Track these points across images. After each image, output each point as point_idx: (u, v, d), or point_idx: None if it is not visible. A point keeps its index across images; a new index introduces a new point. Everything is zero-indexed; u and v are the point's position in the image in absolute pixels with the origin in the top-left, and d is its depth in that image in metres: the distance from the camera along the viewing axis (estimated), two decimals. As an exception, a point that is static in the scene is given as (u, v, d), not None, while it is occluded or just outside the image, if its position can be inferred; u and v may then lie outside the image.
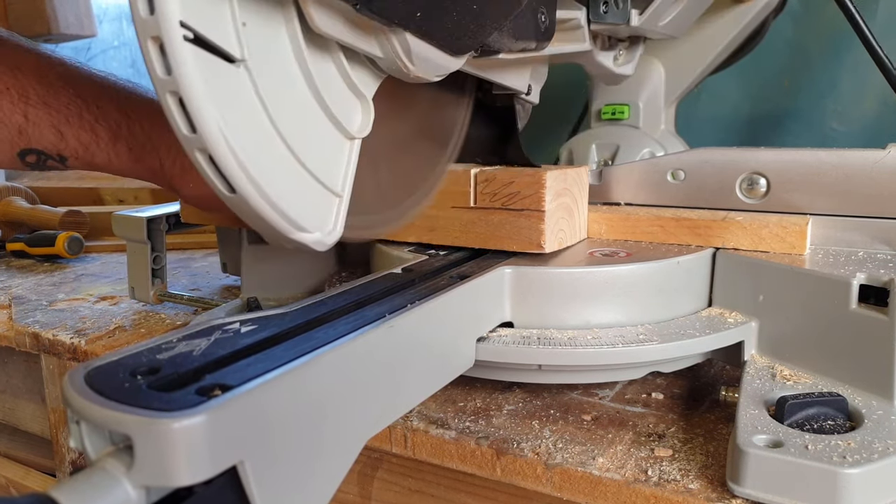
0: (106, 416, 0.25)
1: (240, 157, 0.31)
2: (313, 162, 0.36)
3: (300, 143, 0.35)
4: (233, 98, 0.31)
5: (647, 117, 0.85)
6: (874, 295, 0.44)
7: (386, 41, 0.35)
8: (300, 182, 0.35)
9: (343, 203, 0.38)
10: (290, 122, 0.34)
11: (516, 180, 0.50)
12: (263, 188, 0.32)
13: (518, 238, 0.51)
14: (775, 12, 0.85)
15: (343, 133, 0.38)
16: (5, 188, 1.16)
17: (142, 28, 0.28)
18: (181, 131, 0.30)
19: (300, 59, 0.34)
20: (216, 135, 0.30)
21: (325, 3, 0.32)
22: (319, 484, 0.32)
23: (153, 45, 0.28)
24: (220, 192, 0.32)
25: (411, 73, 0.37)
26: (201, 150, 0.30)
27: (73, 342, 0.65)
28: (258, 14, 0.32)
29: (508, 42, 0.44)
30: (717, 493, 0.38)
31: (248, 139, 0.32)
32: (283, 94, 0.34)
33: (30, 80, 0.48)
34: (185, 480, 0.25)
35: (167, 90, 0.29)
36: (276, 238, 0.35)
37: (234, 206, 0.33)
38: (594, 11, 0.54)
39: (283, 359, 0.31)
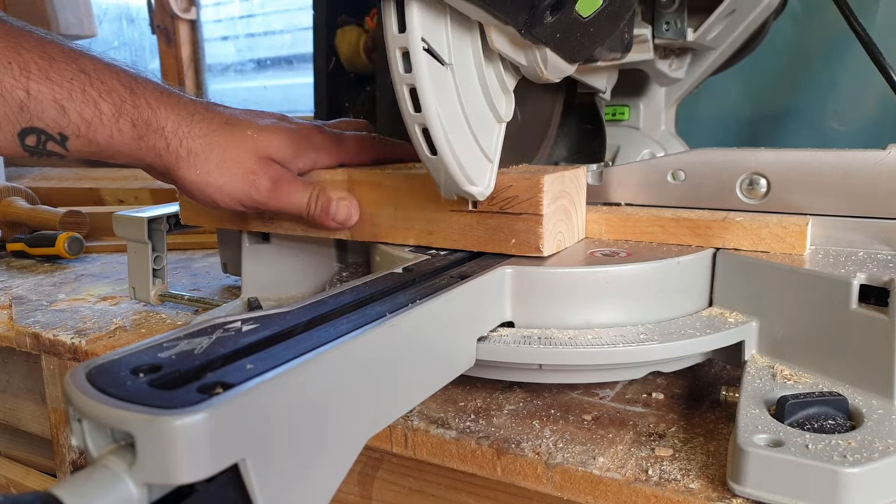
0: (108, 413, 0.25)
1: (445, 130, 0.44)
2: (481, 137, 0.48)
3: (475, 122, 0.48)
4: (442, 90, 0.44)
5: (648, 118, 0.85)
6: (874, 295, 0.44)
7: (532, 54, 0.48)
8: (474, 151, 0.48)
9: (494, 167, 0.50)
10: (470, 108, 0.47)
11: (514, 184, 0.50)
12: (455, 152, 0.45)
13: (516, 242, 0.51)
14: (776, 13, 0.85)
15: (496, 117, 0.50)
16: (5, 188, 1.16)
17: (392, 41, 0.41)
18: (408, 111, 0.43)
19: (478, 65, 0.48)
20: (433, 114, 0.43)
21: (501, 28, 0.45)
22: (320, 482, 0.32)
23: (399, 52, 0.42)
24: (425, 155, 0.45)
25: (543, 76, 0.49)
26: (420, 124, 0.44)
27: (74, 342, 0.65)
28: (459, 32, 0.45)
29: (605, 53, 0.58)
30: (717, 492, 0.38)
31: (448, 118, 0.45)
32: (467, 88, 0.47)
33: (32, 56, 0.47)
34: (187, 478, 0.25)
35: (405, 83, 0.42)
36: (451, 188, 0.48)
37: (432, 164, 0.46)
38: (658, 29, 0.68)
39: (284, 357, 0.31)
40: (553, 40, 0.46)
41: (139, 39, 1.91)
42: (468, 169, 0.47)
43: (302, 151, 0.58)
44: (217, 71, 1.85)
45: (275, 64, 1.76)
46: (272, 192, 0.55)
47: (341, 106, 0.98)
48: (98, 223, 1.12)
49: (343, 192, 0.58)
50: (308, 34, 1.01)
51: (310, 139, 0.59)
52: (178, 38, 1.78)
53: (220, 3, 1.81)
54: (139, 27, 1.90)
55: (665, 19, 0.67)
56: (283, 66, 1.74)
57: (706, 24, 0.68)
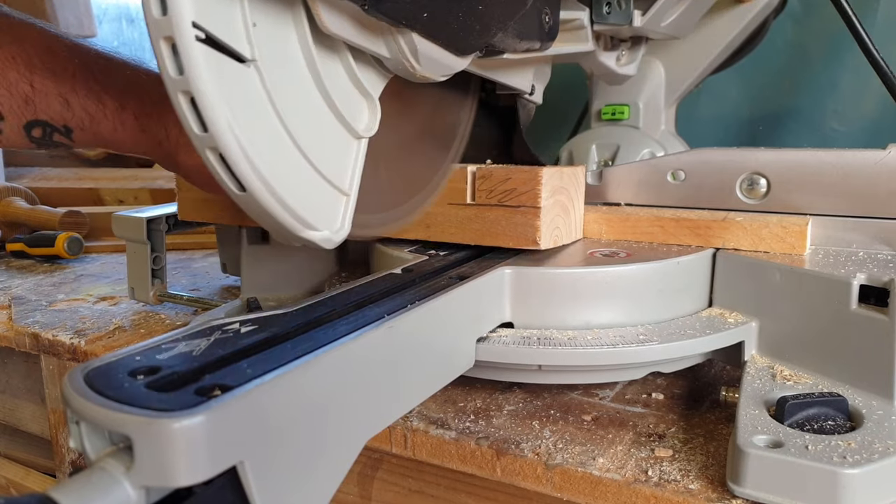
0: (105, 416, 0.25)
1: (250, 156, 0.31)
2: (321, 161, 0.36)
3: (309, 141, 0.35)
4: (243, 97, 0.31)
5: (648, 118, 0.85)
6: (874, 295, 0.44)
7: (393, 41, 0.36)
8: (309, 180, 0.35)
9: (350, 201, 0.38)
10: (299, 121, 0.34)
11: (513, 177, 0.50)
12: (273, 186, 0.32)
13: (514, 234, 0.51)
14: (775, 13, 0.85)
15: (350, 132, 0.38)
16: (5, 188, 1.16)
17: (154, 28, 0.29)
18: (192, 130, 0.30)
19: (309, 59, 0.35)
20: (227, 133, 0.30)
21: (334, 3, 0.32)
22: (319, 484, 0.32)
23: (165, 45, 0.29)
24: (231, 191, 0.32)
25: (417, 72, 0.38)
26: (212, 148, 0.31)
27: (73, 342, 0.65)
28: (268, 15, 0.32)
29: (513, 42, 0.44)
30: (717, 493, 0.38)
31: (259, 138, 0.32)
32: (292, 93, 0.34)
33: (36, 50, 0.48)
34: (185, 481, 0.25)
35: (179, 90, 0.30)
36: (285, 236, 0.35)
37: (244, 204, 0.33)
38: (597, 12, 0.55)
39: (283, 359, 0.31)
40: (418, 20, 0.34)
41: (139, 39, 1.90)
42: (301, 209, 0.34)
43: None
44: (217, 71, 1.85)
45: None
46: None
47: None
48: (97, 223, 1.12)
49: None
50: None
51: None
52: (177, 38, 1.77)
53: (220, 3, 1.81)
54: (139, 27, 1.89)
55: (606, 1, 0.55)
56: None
57: (656, 6, 0.57)
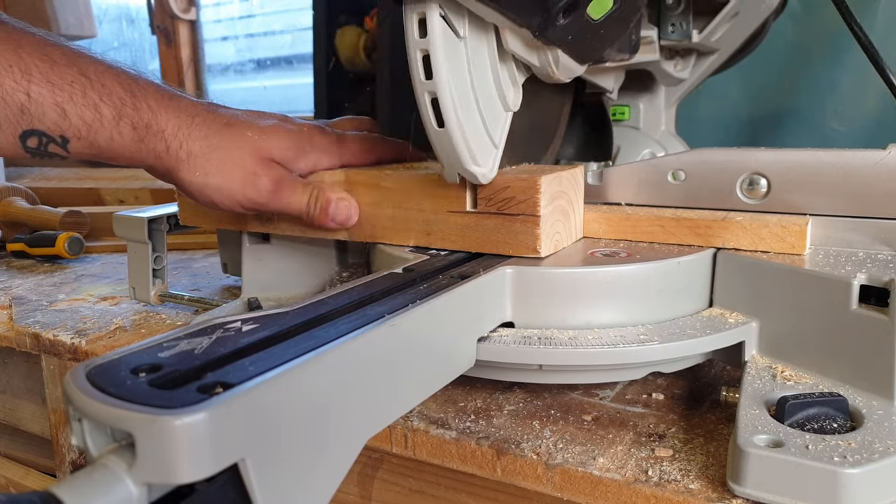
0: (108, 413, 0.25)
1: (455, 102, 0.44)
2: (489, 120, 0.49)
3: (484, 105, 0.48)
4: (455, 62, 0.45)
5: (648, 118, 0.85)
6: (875, 295, 0.44)
7: (544, 55, 0.49)
8: (480, 131, 0.48)
9: (498, 154, 0.50)
10: (481, 87, 0.47)
11: (511, 185, 0.50)
12: (463, 127, 0.46)
13: (514, 242, 0.51)
14: (775, 13, 0.85)
15: (504, 105, 0.51)
16: (5, 188, 1.16)
17: (410, 8, 0.42)
18: (419, 78, 0.44)
19: (491, 55, 0.48)
20: (444, 83, 0.43)
21: (515, 30, 0.46)
22: (320, 482, 0.32)
23: (416, 17, 0.43)
24: (431, 127, 0.45)
25: (554, 76, 0.51)
26: (430, 92, 0.44)
27: (74, 342, 0.65)
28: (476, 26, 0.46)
29: (614, 54, 0.59)
30: (717, 493, 0.38)
31: (459, 92, 0.45)
32: (479, 68, 0.47)
33: (33, 59, 0.47)
34: (187, 478, 0.25)
35: (419, 48, 0.43)
36: (454, 168, 0.48)
37: (438, 137, 0.46)
38: (664, 31, 0.69)
39: (285, 357, 0.31)
40: (565, 42, 0.48)
41: (139, 40, 1.91)
42: (474, 147, 0.47)
43: (303, 153, 0.58)
44: (217, 71, 1.85)
45: (275, 64, 1.76)
46: (272, 194, 0.55)
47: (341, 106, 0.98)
48: (98, 223, 1.12)
49: (342, 192, 0.58)
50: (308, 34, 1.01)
51: (311, 140, 0.58)
52: (177, 39, 1.78)
53: (220, 4, 1.82)
54: (139, 28, 1.90)
55: (671, 21, 0.69)
56: (283, 66, 1.74)
57: (711, 26, 0.69)
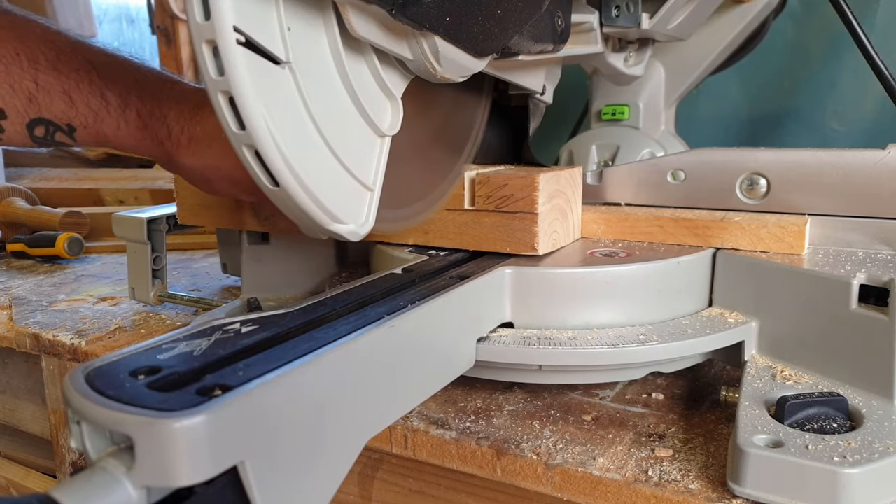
0: (106, 416, 0.25)
1: (284, 153, 0.33)
2: (348, 157, 0.38)
3: (337, 139, 0.37)
4: (278, 97, 0.33)
5: (648, 118, 0.85)
6: (874, 295, 0.44)
7: (416, 44, 0.38)
8: (337, 176, 0.38)
9: (374, 196, 0.41)
10: (329, 120, 0.36)
11: (509, 183, 0.50)
12: (305, 181, 0.35)
13: (512, 240, 0.51)
14: (775, 13, 0.85)
15: (375, 131, 0.40)
16: (5, 189, 1.16)
17: (197, 32, 0.30)
18: (230, 128, 0.32)
19: (338, 61, 0.37)
20: (263, 131, 0.32)
21: (363, 8, 0.34)
22: (320, 484, 0.32)
23: (207, 48, 0.31)
24: (265, 187, 0.35)
25: (438, 74, 0.40)
26: (248, 146, 0.33)
27: (74, 343, 0.65)
28: (301, 19, 0.34)
29: (528, 44, 0.46)
30: (717, 493, 0.38)
31: (292, 136, 0.34)
32: (322, 93, 0.36)
33: (40, 47, 0.47)
34: (186, 480, 0.25)
35: (219, 90, 0.31)
36: (313, 229, 0.38)
37: (277, 199, 0.35)
38: (606, 15, 0.57)
39: (284, 359, 0.31)
40: (441, 24, 0.36)
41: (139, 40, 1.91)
42: (330, 203, 0.37)
43: None
44: (217, 71, 1.85)
45: (274, 64, 1.76)
46: None
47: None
48: (98, 224, 1.12)
49: None
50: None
51: None
52: (177, 39, 1.78)
53: (220, 4, 1.81)
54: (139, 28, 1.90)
55: (615, 3, 0.57)
56: (283, 66, 1.74)
57: (664, 9, 0.59)
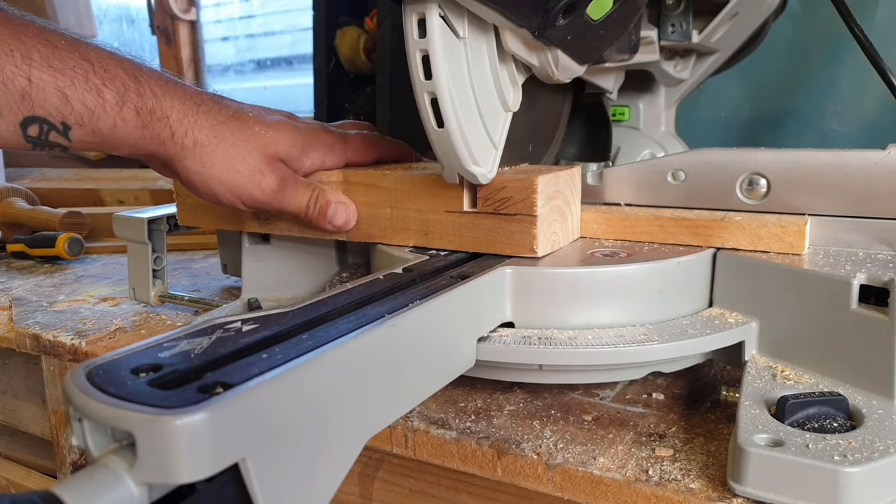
0: (108, 413, 0.25)
1: (454, 101, 0.44)
2: (488, 120, 0.49)
3: (484, 105, 0.48)
4: (454, 62, 0.45)
5: (648, 118, 0.85)
6: (874, 295, 0.44)
7: (543, 56, 0.49)
8: (480, 131, 0.48)
9: (497, 154, 0.50)
10: (480, 90, 0.48)
11: (508, 185, 0.50)
12: (463, 128, 0.46)
13: (511, 242, 0.51)
14: (775, 13, 0.85)
15: (504, 106, 0.51)
16: (5, 189, 1.16)
17: (410, 8, 0.42)
18: (420, 79, 0.44)
19: (491, 55, 0.49)
20: (444, 83, 0.43)
21: (514, 30, 0.47)
22: (321, 482, 0.32)
23: (416, 18, 0.42)
24: (431, 128, 0.45)
25: (554, 76, 0.51)
26: (430, 92, 0.44)
27: (74, 343, 0.65)
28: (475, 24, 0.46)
29: (614, 55, 0.59)
30: (717, 492, 0.38)
31: (458, 93, 0.45)
32: (479, 69, 0.47)
33: (34, 43, 0.46)
34: (188, 477, 0.25)
35: (418, 49, 0.43)
36: (454, 167, 0.48)
37: (437, 137, 0.46)
38: (664, 31, 0.69)
39: (285, 357, 0.31)
40: (564, 42, 0.48)
41: (139, 40, 1.91)
42: (473, 147, 0.47)
43: (309, 150, 0.57)
44: (217, 72, 1.85)
45: (275, 64, 1.76)
46: (276, 193, 0.55)
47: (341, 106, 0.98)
48: (98, 224, 1.12)
49: (342, 195, 0.58)
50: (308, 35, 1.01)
51: (317, 138, 0.58)
52: (177, 39, 1.78)
53: (220, 4, 1.82)
54: (139, 28, 1.90)
55: (671, 21, 0.69)
56: (283, 66, 1.75)
57: (711, 26, 0.69)
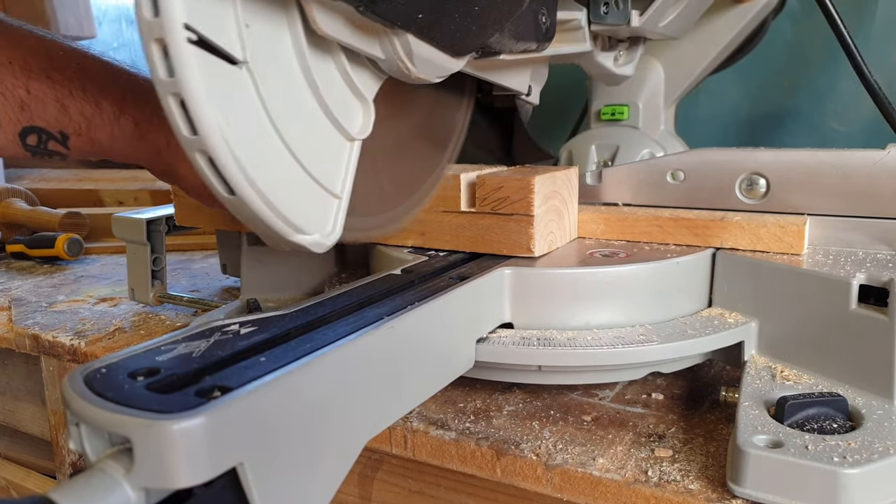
0: (105, 417, 0.25)
1: (239, 159, 0.31)
2: (313, 163, 0.36)
3: (300, 144, 0.35)
4: (234, 100, 0.31)
5: (647, 118, 0.85)
6: (874, 295, 0.44)
7: (388, 43, 0.36)
8: (299, 183, 0.35)
9: (342, 204, 0.38)
10: (291, 123, 0.34)
11: (505, 185, 0.50)
12: (262, 190, 0.32)
13: (508, 242, 0.51)
14: (775, 12, 0.85)
15: (343, 134, 0.38)
16: (5, 190, 1.16)
17: (146, 30, 0.28)
18: (181, 133, 0.30)
19: (302, 61, 0.34)
20: (216, 137, 0.30)
21: (328, 4, 0.32)
22: (319, 485, 0.32)
23: (157, 47, 0.28)
24: (220, 194, 0.32)
25: (412, 74, 0.38)
26: (201, 151, 0.30)
27: (73, 344, 0.65)
28: (261, 16, 0.32)
29: (509, 43, 0.44)
30: (717, 493, 0.38)
31: (249, 140, 0.32)
32: (284, 95, 0.34)
33: (33, 54, 0.47)
34: (185, 482, 0.25)
35: (169, 92, 0.29)
36: (274, 240, 0.35)
37: (234, 208, 0.33)
38: (594, 12, 0.55)
39: (283, 360, 0.31)
40: (413, 22, 0.34)
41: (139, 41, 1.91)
42: (291, 213, 0.34)
43: None
44: (216, 72, 1.85)
45: (274, 64, 1.76)
46: None
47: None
48: (98, 224, 1.12)
49: None
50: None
51: None
52: (177, 39, 1.77)
53: (220, 4, 1.81)
54: (138, 28, 1.89)
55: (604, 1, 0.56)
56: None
57: (654, 6, 0.57)
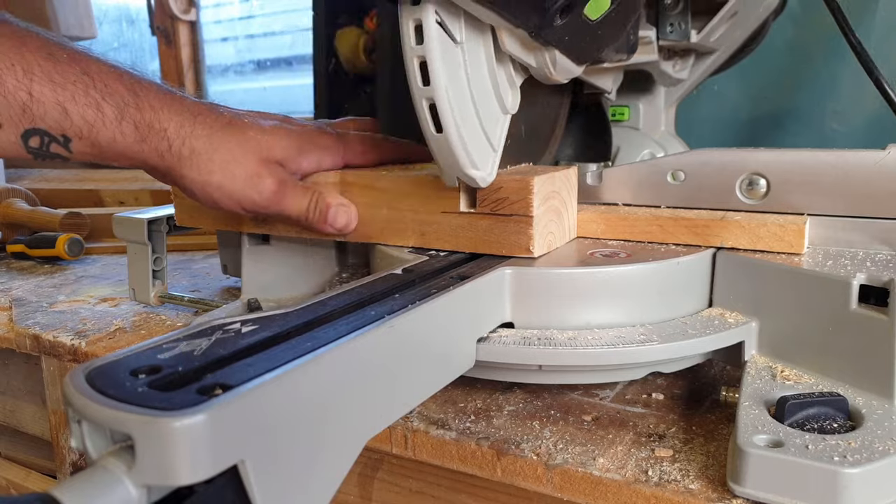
0: (107, 415, 0.25)
1: (452, 107, 0.45)
2: (486, 124, 0.49)
3: (482, 108, 0.49)
4: (452, 67, 0.45)
5: (647, 119, 0.85)
6: (874, 295, 0.44)
7: (541, 56, 0.50)
8: (478, 135, 0.49)
9: (496, 157, 0.51)
10: (479, 93, 0.48)
11: (504, 186, 0.50)
12: (461, 132, 0.46)
13: (507, 243, 0.51)
14: (775, 13, 0.85)
15: (502, 108, 0.51)
16: (6, 190, 1.16)
17: (406, 14, 0.43)
18: (418, 85, 0.44)
19: (489, 58, 0.49)
20: (442, 89, 0.44)
21: (512, 31, 0.47)
22: (320, 483, 0.32)
23: (412, 24, 0.43)
24: (430, 133, 0.46)
25: (551, 77, 0.52)
26: (428, 98, 0.44)
27: (74, 344, 0.65)
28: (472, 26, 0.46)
29: (612, 55, 0.59)
30: (717, 493, 0.38)
31: (456, 98, 0.45)
32: (477, 73, 0.48)
33: (35, 57, 0.47)
34: (186, 479, 0.25)
35: (415, 55, 0.43)
36: (453, 171, 0.48)
37: (436, 143, 0.46)
38: (662, 31, 0.69)
39: (284, 359, 0.31)
40: (562, 43, 0.48)
41: (139, 41, 1.91)
42: (472, 151, 0.47)
43: (305, 153, 0.58)
44: (217, 72, 1.85)
45: (274, 65, 1.76)
46: (275, 195, 0.55)
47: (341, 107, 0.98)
48: (98, 225, 1.12)
49: (342, 197, 0.58)
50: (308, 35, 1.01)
51: (313, 140, 0.58)
52: (177, 40, 1.78)
53: (220, 5, 1.82)
54: (139, 28, 1.90)
55: (669, 21, 0.69)
56: (283, 67, 1.74)
57: (709, 26, 0.69)
